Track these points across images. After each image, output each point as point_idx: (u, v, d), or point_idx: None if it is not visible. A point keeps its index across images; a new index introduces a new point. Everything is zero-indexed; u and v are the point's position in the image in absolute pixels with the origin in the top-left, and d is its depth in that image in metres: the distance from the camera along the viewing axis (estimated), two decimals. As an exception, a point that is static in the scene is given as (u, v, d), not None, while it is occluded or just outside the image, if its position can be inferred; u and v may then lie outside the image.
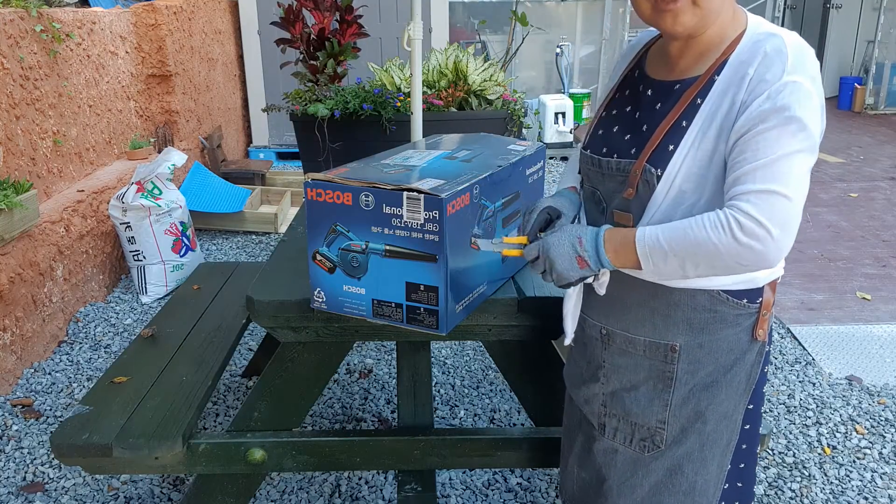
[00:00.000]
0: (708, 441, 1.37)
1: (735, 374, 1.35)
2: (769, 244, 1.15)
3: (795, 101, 1.15)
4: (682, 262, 1.21)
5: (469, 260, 1.56)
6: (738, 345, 1.33)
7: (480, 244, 1.53)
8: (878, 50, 9.05)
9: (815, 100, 1.17)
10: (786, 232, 1.16)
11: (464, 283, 1.56)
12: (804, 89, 1.16)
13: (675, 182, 1.25)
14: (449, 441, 1.91)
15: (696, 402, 1.35)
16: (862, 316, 3.53)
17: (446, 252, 1.44)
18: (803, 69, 1.17)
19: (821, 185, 5.86)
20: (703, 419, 1.35)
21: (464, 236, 1.51)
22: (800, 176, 1.16)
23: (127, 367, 2.08)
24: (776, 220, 1.15)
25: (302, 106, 3.65)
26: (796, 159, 1.16)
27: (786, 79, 1.16)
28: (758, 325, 1.33)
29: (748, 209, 1.15)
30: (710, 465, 1.39)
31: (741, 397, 1.37)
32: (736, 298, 1.30)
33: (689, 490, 1.39)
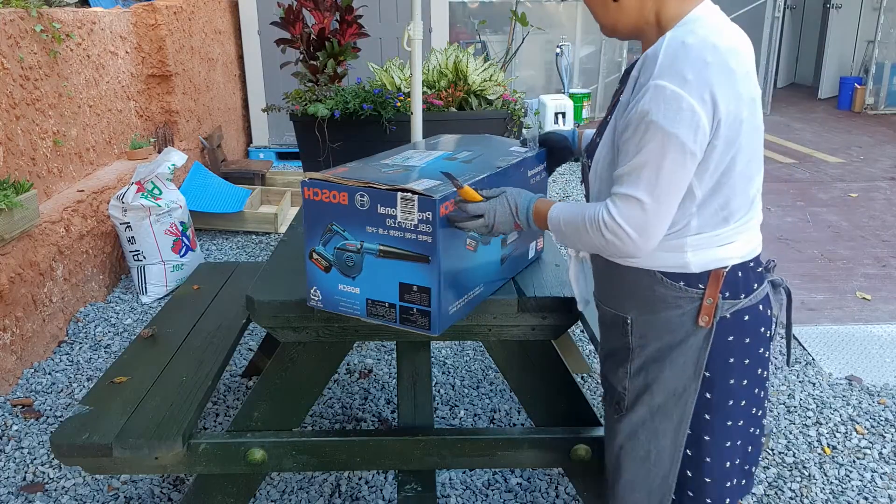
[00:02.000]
0: (658, 413, 1.44)
1: (680, 355, 1.40)
2: (628, 244, 1.29)
3: (655, 106, 1.21)
4: (573, 241, 1.39)
5: (464, 262, 1.56)
6: (681, 327, 1.39)
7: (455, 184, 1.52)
8: (878, 50, 9.05)
9: (684, 101, 1.20)
10: (643, 235, 1.28)
11: (458, 285, 1.56)
12: (667, 93, 1.20)
13: (597, 172, 1.39)
14: (449, 441, 1.91)
15: (646, 374, 1.44)
16: (862, 316, 3.53)
17: (439, 253, 1.45)
18: (672, 72, 1.21)
19: (821, 185, 5.86)
20: (651, 392, 1.44)
21: (458, 238, 1.51)
22: (662, 182, 1.24)
23: (127, 367, 2.08)
24: (633, 224, 1.27)
25: (302, 106, 3.65)
26: (658, 164, 1.23)
27: (651, 83, 1.22)
28: (701, 311, 1.36)
29: (612, 211, 1.29)
30: (663, 439, 1.45)
31: (690, 380, 1.40)
32: (671, 280, 1.37)
33: (644, 457, 1.48)
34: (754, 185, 1.35)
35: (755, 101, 1.30)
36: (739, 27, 1.38)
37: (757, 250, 1.40)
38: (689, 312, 1.37)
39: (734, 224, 1.34)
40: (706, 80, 1.21)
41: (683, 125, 1.20)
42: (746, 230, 1.37)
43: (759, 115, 1.33)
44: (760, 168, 1.37)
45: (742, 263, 1.37)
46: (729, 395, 1.42)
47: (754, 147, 1.32)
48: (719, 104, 1.22)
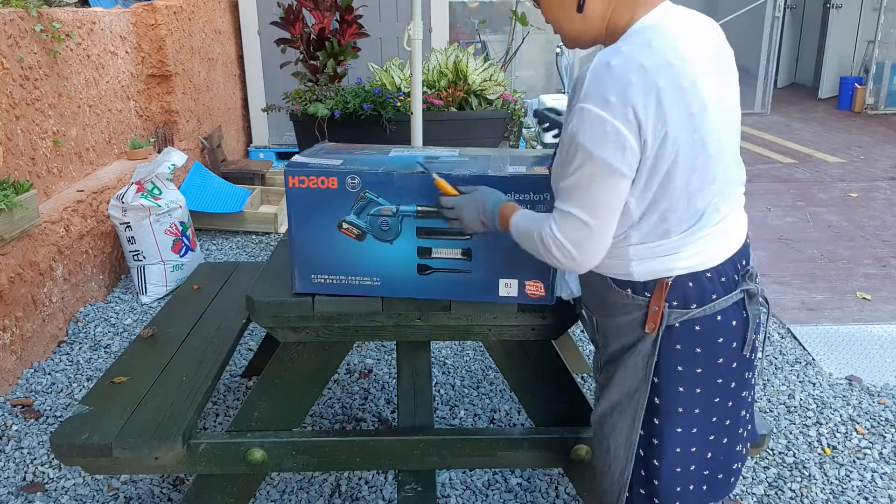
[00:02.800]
0: (616, 409, 1.48)
1: (631, 358, 1.43)
2: (570, 259, 1.33)
3: (580, 129, 1.23)
4: (530, 251, 1.41)
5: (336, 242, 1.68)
6: (631, 332, 1.42)
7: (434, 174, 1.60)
8: (878, 50, 9.05)
9: (608, 124, 1.21)
10: (582, 251, 1.31)
11: (324, 261, 1.70)
12: (591, 116, 1.21)
13: (553, 180, 1.41)
14: (449, 441, 1.91)
15: (607, 370, 1.50)
16: (862, 316, 3.53)
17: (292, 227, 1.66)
18: (595, 94, 1.22)
19: (821, 185, 5.86)
20: (609, 387, 1.49)
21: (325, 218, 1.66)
22: (597, 201, 1.27)
23: (127, 367, 2.08)
24: (572, 240, 1.30)
25: (302, 106, 3.65)
26: (590, 184, 1.26)
27: (577, 105, 1.24)
28: (648, 318, 1.38)
29: (553, 227, 1.32)
30: (619, 435, 1.48)
31: (641, 383, 1.43)
32: (619, 287, 1.40)
33: (606, 449, 1.52)
34: (703, 197, 1.31)
35: (703, 111, 1.25)
36: (706, 25, 1.33)
37: (714, 261, 1.36)
38: (638, 319, 1.40)
39: (678, 236, 1.32)
40: (629, 101, 1.20)
41: (609, 148, 1.22)
42: (696, 241, 1.34)
43: (712, 124, 1.28)
44: (714, 180, 1.31)
45: (692, 274, 1.35)
46: (677, 402, 1.41)
47: (699, 161, 1.28)
48: (644, 124, 1.21)
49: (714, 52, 1.32)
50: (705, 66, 1.27)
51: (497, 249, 1.63)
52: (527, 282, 1.65)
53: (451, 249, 1.65)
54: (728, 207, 1.38)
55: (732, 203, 1.39)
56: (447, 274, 1.68)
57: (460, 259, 1.65)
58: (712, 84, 1.28)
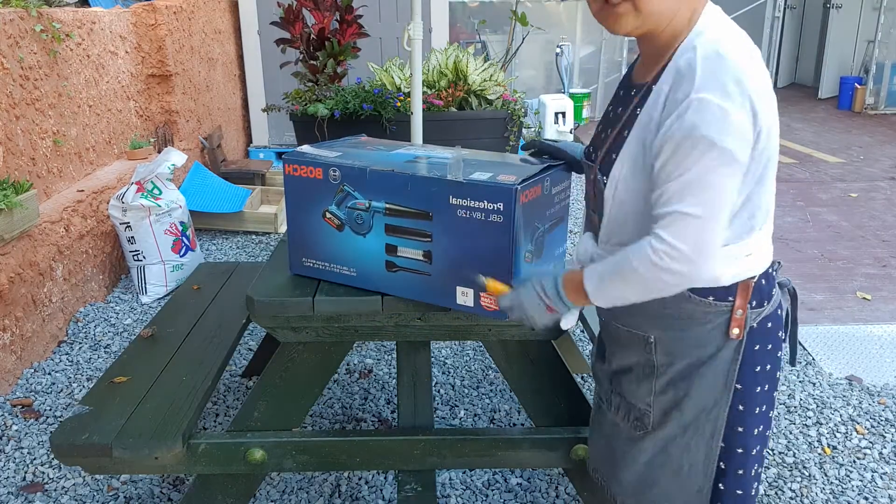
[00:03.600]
0: (690, 429, 1.41)
1: (710, 370, 1.37)
2: (684, 265, 1.20)
3: (701, 120, 1.15)
4: (620, 293, 1.29)
5: (322, 231, 1.74)
6: (711, 342, 1.36)
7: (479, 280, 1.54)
8: (878, 50, 9.05)
9: (731, 115, 1.15)
10: (700, 252, 1.19)
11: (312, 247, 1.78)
12: (712, 106, 1.15)
13: (616, 190, 1.31)
14: (449, 441, 1.91)
15: (675, 391, 1.40)
16: (862, 316, 3.53)
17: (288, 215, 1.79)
18: (713, 83, 1.16)
19: (821, 185, 5.86)
20: (680, 409, 1.40)
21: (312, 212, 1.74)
22: (714, 195, 1.18)
23: (127, 367, 2.08)
24: (689, 241, 1.18)
25: (302, 106, 3.65)
26: (709, 178, 1.17)
27: (692, 96, 1.16)
28: (731, 324, 1.34)
29: (662, 234, 1.20)
30: (696, 453, 1.43)
31: (722, 393, 1.38)
32: (700, 296, 1.33)
33: (677, 470, 1.45)
34: (771, 193, 1.33)
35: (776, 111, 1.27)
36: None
37: (772, 256, 1.39)
38: (719, 326, 1.35)
39: (757, 233, 1.32)
40: (746, 90, 1.17)
41: (732, 136, 1.16)
42: (767, 238, 1.35)
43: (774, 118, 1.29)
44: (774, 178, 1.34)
45: (765, 271, 1.36)
46: (756, 403, 1.41)
47: (772, 154, 1.28)
48: (759, 115, 1.19)
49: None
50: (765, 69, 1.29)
51: (455, 255, 1.58)
52: (481, 293, 1.57)
53: (413, 250, 1.64)
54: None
55: None
56: (411, 274, 1.67)
57: (421, 261, 1.64)
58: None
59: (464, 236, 1.55)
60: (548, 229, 1.64)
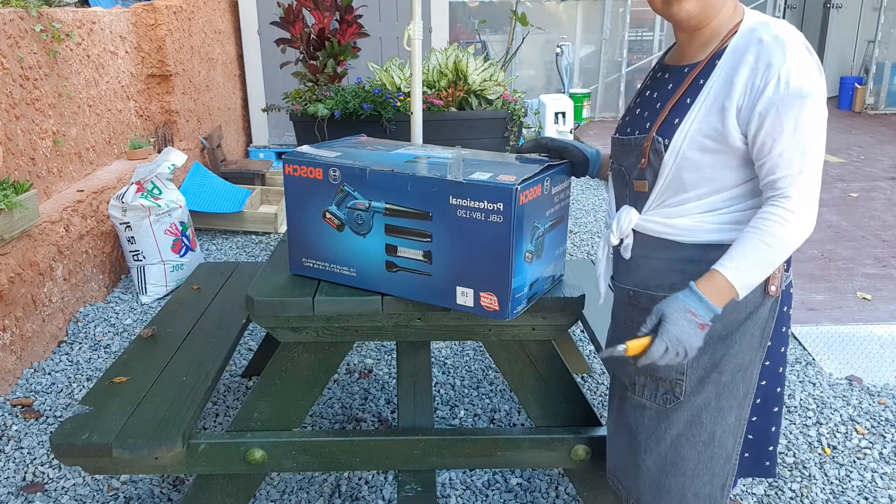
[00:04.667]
0: (724, 391, 1.47)
1: (749, 327, 1.44)
2: (808, 222, 1.34)
3: (805, 80, 1.29)
4: (768, 270, 1.35)
5: (321, 230, 1.75)
6: (751, 298, 1.42)
7: (608, 352, 1.43)
8: (878, 50, 9.05)
9: (817, 70, 1.31)
10: (814, 206, 1.34)
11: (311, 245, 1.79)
12: (806, 66, 1.30)
13: (680, 150, 1.40)
14: (449, 441, 1.91)
15: (713, 352, 1.45)
16: (862, 316, 3.53)
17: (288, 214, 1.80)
18: (801, 50, 1.31)
19: (821, 185, 5.85)
20: (720, 369, 1.46)
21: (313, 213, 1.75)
22: (821, 150, 1.33)
23: (127, 367, 2.08)
24: (810, 199, 1.33)
25: (302, 106, 3.65)
26: (818, 137, 1.31)
27: (789, 63, 1.29)
28: (770, 280, 1.42)
29: (794, 198, 1.32)
30: (728, 416, 1.48)
31: (756, 350, 1.46)
32: None
33: (708, 440, 1.49)
34: None
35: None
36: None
37: None
38: (761, 284, 1.42)
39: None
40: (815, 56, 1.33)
41: (823, 90, 1.31)
42: None
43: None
44: None
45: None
46: (781, 362, 1.52)
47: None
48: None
49: None
50: None
51: (454, 255, 1.58)
52: (481, 293, 1.58)
53: (413, 250, 1.64)
54: None
55: None
56: (411, 274, 1.67)
57: (421, 261, 1.64)
58: None
59: (464, 236, 1.55)
60: (548, 229, 1.64)
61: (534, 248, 1.59)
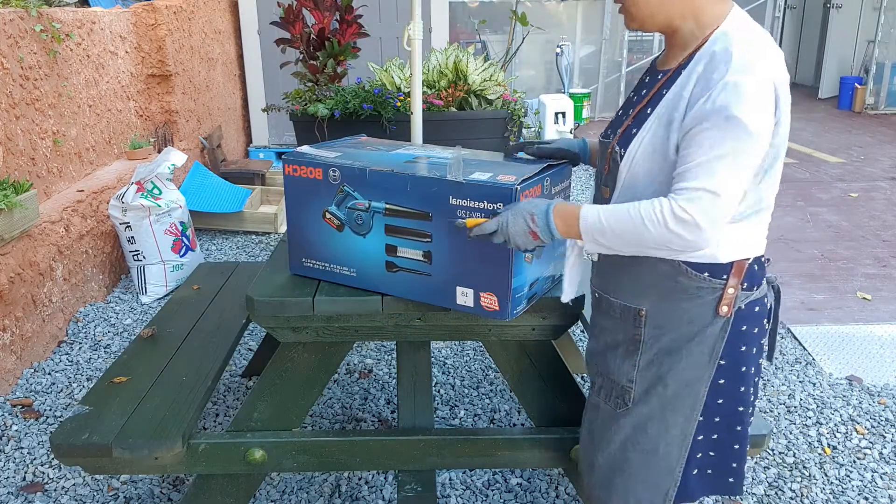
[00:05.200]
0: (669, 405, 1.46)
1: (697, 345, 1.42)
2: (697, 235, 1.28)
3: (734, 101, 1.23)
4: (617, 239, 1.34)
5: (321, 231, 1.75)
6: (700, 317, 1.41)
7: (453, 222, 1.56)
8: (878, 50, 9.05)
9: (759, 99, 1.24)
10: (713, 226, 1.28)
11: (311, 244, 1.79)
12: (744, 89, 1.23)
13: (633, 162, 1.38)
14: (449, 441, 1.91)
15: (659, 366, 1.45)
16: (862, 316, 3.53)
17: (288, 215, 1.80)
18: (748, 69, 1.24)
19: (821, 185, 5.86)
20: (664, 383, 1.45)
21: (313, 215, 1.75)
22: (737, 174, 1.26)
23: (127, 367, 2.08)
24: (707, 216, 1.26)
25: (302, 106, 3.65)
26: (732, 158, 1.25)
27: (727, 79, 1.24)
28: (721, 301, 1.40)
29: (683, 204, 1.27)
30: (673, 430, 1.47)
31: (704, 369, 1.44)
32: (696, 271, 1.39)
33: (652, 450, 1.49)
34: (776, 181, 1.41)
35: (789, 103, 1.35)
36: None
37: (765, 247, 1.46)
38: (710, 303, 1.40)
39: (756, 218, 1.40)
40: (773, 80, 1.26)
41: (759, 120, 1.24)
42: (764, 227, 1.43)
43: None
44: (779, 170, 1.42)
45: (758, 257, 1.43)
46: (741, 381, 1.47)
47: (779, 142, 1.36)
48: (780, 102, 1.28)
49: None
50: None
51: (454, 255, 1.59)
52: (481, 293, 1.58)
53: (413, 250, 1.64)
54: None
55: None
56: (411, 274, 1.67)
57: (421, 261, 1.64)
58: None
59: (464, 237, 1.55)
60: None
61: (534, 249, 1.59)
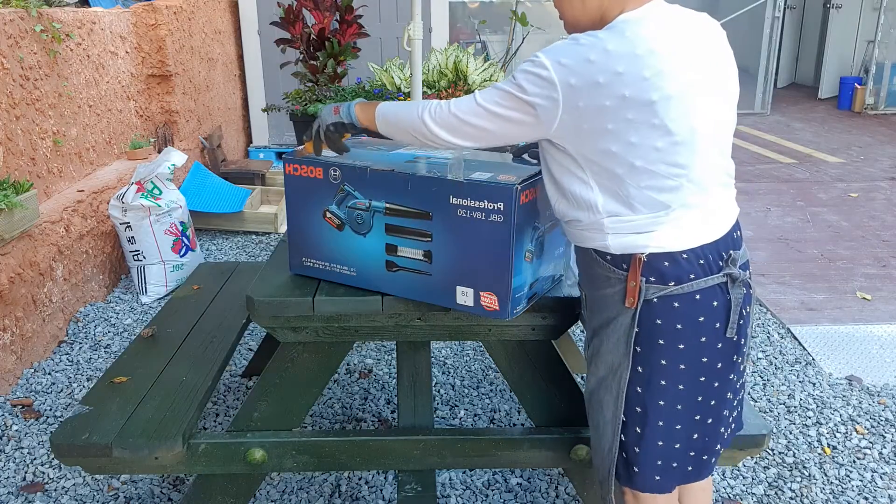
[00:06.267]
0: (602, 386, 1.53)
1: (613, 332, 1.48)
2: (434, 121, 1.45)
3: (523, 66, 1.36)
4: (394, 119, 1.53)
5: (323, 229, 1.76)
6: (613, 305, 1.47)
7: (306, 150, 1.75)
8: (878, 50, 9.05)
9: (545, 71, 1.32)
10: (443, 127, 1.45)
11: (311, 243, 1.80)
12: (537, 60, 1.34)
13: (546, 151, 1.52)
14: (449, 441, 1.91)
15: (593, 346, 1.55)
16: (862, 316, 3.53)
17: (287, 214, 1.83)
18: (553, 52, 1.34)
19: (821, 185, 5.86)
20: (596, 363, 1.54)
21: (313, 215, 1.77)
22: (494, 93, 1.39)
23: (127, 367, 2.08)
24: (459, 114, 1.43)
25: (302, 106, 3.65)
26: (499, 92, 1.39)
27: (532, 55, 1.37)
28: (626, 293, 1.43)
29: (450, 101, 1.45)
30: (606, 410, 1.53)
31: (623, 356, 1.47)
32: (601, 259, 1.46)
33: (595, 425, 1.58)
34: (672, 181, 1.36)
35: (668, 100, 1.30)
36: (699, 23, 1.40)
37: (690, 243, 1.40)
38: (619, 292, 1.45)
39: (647, 215, 1.38)
40: (579, 73, 1.30)
41: (534, 85, 1.33)
42: (669, 222, 1.39)
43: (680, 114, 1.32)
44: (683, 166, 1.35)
45: (667, 253, 1.40)
46: (661, 374, 1.45)
47: (661, 145, 1.33)
48: (585, 96, 1.30)
49: (701, 48, 1.37)
50: (681, 60, 1.33)
51: (455, 255, 1.59)
52: (481, 293, 1.58)
53: (413, 250, 1.64)
54: (705, 196, 1.41)
55: (713, 192, 1.43)
56: (412, 274, 1.67)
57: (421, 261, 1.64)
58: (689, 77, 1.33)
59: (464, 236, 1.55)
60: (548, 229, 1.65)
61: (534, 248, 1.60)
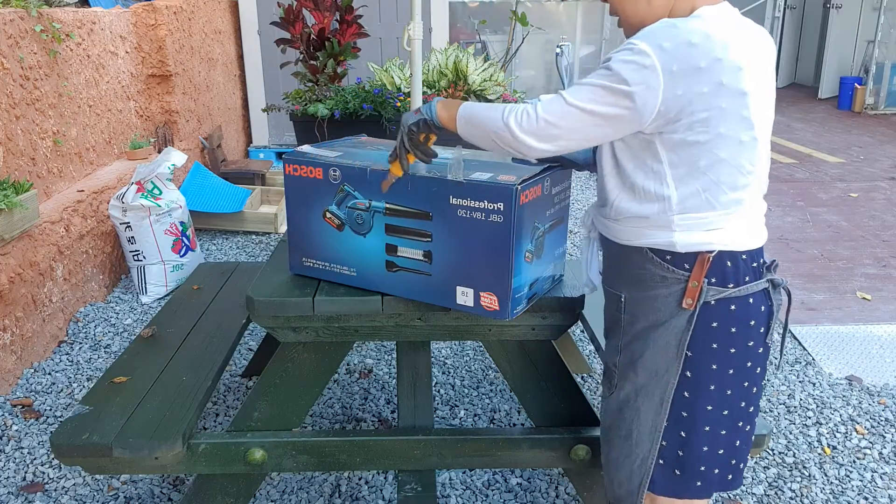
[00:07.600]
0: (641, 392, 1.47)
1: (663, 335, 1.43)
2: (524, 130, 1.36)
3: (620, 55, 1.29)
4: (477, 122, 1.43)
5: (323, 229, 1.76)
6: (666, 307, 1.42)
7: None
8: (878, 50, 9.05)
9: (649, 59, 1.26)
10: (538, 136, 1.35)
11: (312, 244, 1.79)
12: (637, 48, 1.27)
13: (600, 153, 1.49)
14: (449, 441, 1.91)
15: (632, 351, 1.48)
16: (862, 316, 3.53)
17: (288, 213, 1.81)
18: (651, 37, 1.27)
19: (821, 185, 5.86)
20: (635, 369, 1.48)
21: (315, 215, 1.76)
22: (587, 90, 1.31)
23: (127, 367, 2.08)
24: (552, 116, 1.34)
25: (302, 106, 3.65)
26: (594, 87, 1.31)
27: (628, 42, 1.30)
28: (686, 294, 1.40)
29: (538, 103, 1.36)
30: (644, 418, 1.48)
31: (672, 361, 1.43)
32: (659, 258, 1.41)
33: (626, 435, 1.51)
34: (746, 180, 1.36)
35: (746, 97, 1.30)
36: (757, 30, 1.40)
37: (752, 244, 1.41)
38: (675, 293, 1.41)
39: (721, 211, 1.36)
40: (681, 58, 1.25)
41: (635, 73, 1.26)
42: (737, 220, 1.38)
43: (755, 112, 1.33)
44: (755, 165, 1.36)
45: (731, 252, 1.38)
46: (710, 379, 1.43)
47: (745, 138, 1.33)
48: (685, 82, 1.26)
49: (759, 54, 1.36)
50: (758, 59, 1.33)
51: (455, 255, 1.59)
52: (481, 293, 1.59)
53: (413, 250, 1.64)
54: (761, 200, 1.43)
55: (761, 198, 1.44)
56: (412, 274, 1.67)
57: (421, 261, 1.65)
58: (764, 76, 1.35)
59: (464, 236, 1.55)
60: (548, 229, 1.65)
61: (534, 248, 1.60)
